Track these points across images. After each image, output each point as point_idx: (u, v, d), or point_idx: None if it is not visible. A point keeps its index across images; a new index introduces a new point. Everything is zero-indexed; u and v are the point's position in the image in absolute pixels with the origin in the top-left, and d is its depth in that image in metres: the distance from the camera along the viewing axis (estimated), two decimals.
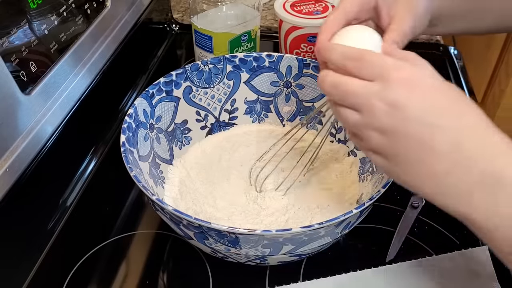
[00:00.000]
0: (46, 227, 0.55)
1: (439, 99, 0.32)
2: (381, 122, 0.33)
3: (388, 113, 0.32)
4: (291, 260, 0.48)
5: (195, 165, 0.60)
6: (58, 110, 0.57)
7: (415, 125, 0.31)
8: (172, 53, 0.89)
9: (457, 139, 0.31)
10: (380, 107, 0.32)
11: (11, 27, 0.48)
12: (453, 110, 0.32)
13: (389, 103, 0.32)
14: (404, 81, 0.32)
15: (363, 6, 0.42)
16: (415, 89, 0.32)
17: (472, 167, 0.31)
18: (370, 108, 0.33)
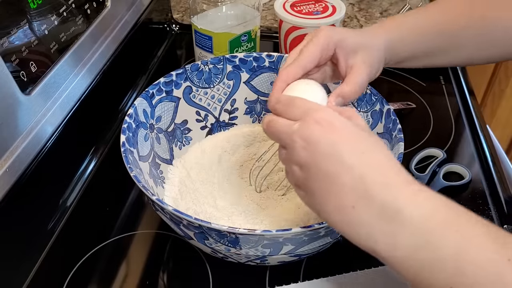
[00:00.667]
0: (46, 227, 0.55)
1: (348, 138, 0.35)
2: (299, 156, 0.36)
3: (304, 148, 0.35)
4: (291, 260, 0.48)
5: (195, 165, 0.60)
6: (58, 110, 0.57)
7: (324, 160, 0.34)
8: (172, 53, 0.89)
9: (361, 174, 0.33)
10: (298, 143, 0.36)
11: (11, 27, 0.48)
12: (361, 149, 0.34)
13: (305, 139, 0.35)
14: (320, 120, 0.35)
15: (321, 57, 0.46)
16: (328, 128, 0.35)
17: (373, 201, 0.33)
18: (291, 144, 0.36)
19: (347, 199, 0.34)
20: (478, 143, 0.68)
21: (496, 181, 0.62)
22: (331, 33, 0.46)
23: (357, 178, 0.33)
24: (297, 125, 0.36)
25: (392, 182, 0.33)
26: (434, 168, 0.63)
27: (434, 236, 0.31)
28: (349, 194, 0.33)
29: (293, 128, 0.36)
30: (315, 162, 0.35)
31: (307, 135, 0.35)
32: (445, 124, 0.72)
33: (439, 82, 0.80)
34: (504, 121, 1.39)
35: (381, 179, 0.33)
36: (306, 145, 0.35)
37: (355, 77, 0.45)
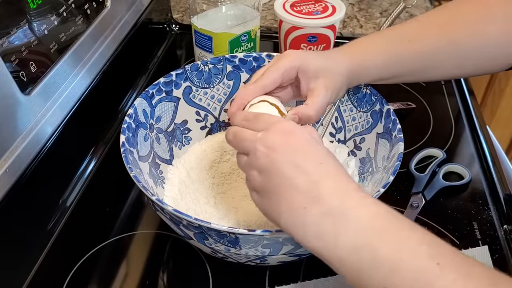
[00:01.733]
0: (46, 227, 0.55)
1: (307, 148, 0.38)
2: (259, 162, 0.38)
3: (265, 154, 0.38)
4: (291, 260, 0.48)
5: (195, 165, 0.60)
6: (58, 110, 0.57)
7: (284, 164, 0.37)
8: (172, 53, 0.89)
9: (316, 180, 0.36)
10: (260, 150, 0.38)
11: (11, 27, 0.48)
12: (318, 158, 0.37)
13: (267, 146, 0.38)
14: (281, 130, 0.39)
15: (282, 80, 0.48)
16: (290, 137, 0.38)
17: (323, 203, 0.35)
18: (253, 151, 0.39)
19: (299, 201, 0.36)
20: (478, 143, 0.68)
21: (496, 181, 0.62)
22: (295, 58, 0.48)
23: (312, 183, 0.36)
24: (261, 134, 0.39)
25: (343, 188, 0.36)
26: (434, 168, 0.63)
27: (374, 237, 0.33)
28: (302, 196, 0.36)
29: (257, 136, 0.39)
30: (274, 167, 0.37)
31: (269, 142, 0.38)
32: (445, 124, 0.72)
33: (439, 82, 0.80)
34: (504, 121, 1.39)
35: (334, 185, 0.36)
36: (267, 152, 0.38)
37: (314, 102, 0.47)
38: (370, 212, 0.35)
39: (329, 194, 0.35)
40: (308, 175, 0.36)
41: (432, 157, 0.66)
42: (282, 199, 0.37)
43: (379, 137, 0.55)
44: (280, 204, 0.37)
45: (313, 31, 0.74)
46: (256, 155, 0.38)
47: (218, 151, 0.61)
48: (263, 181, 0.38)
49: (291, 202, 0.36)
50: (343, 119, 0.60)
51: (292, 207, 0.36)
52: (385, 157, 0.52)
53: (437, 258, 0.31)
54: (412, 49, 0.51)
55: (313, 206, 0.35)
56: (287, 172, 0.37)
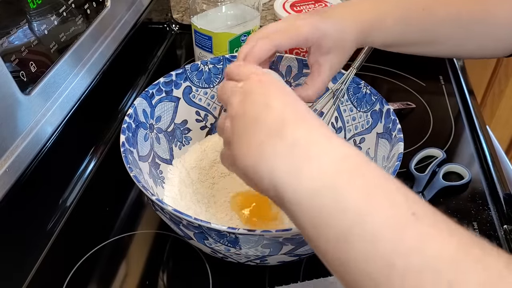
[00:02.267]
0: (46, 227, 0.55)
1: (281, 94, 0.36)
2: (234, 109, 0.36)
3: (241, 101, 0.36)
4: (291, 260, 0.48)
5: (195, 165, 0.60)
6: (58, 110, 0.57)
7: (253, 106, 0.35)
8: (171, 53, 0.89)
9: (282, 117, 0.33)
10: (237, 97, 0.37)
11: (11, 27, 0.48)
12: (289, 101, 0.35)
13: (243, 93, 0.37)
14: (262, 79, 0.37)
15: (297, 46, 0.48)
16: (266, 84, 0.37)
17: (285, 138, 0.32)
18: (231, 99, 0.37)
19: (262, 134, 0.33)
20: (477, 143, 0.68)
21: (495, 181, 0.62)
22: (315, 30, 0.47)
23: (277, 119, 0.33)
24: (242, 83, 0.38)
25: (310, 122, 0.33)
26: (433, 168, 0.63)
27: (339, 179, 0.29)
28: (263, 131, 0.33)
29: (238, 85, 0.38)
30: (244, 110, 0.35)
31: (246, 90, 0.37)
32: (444, 124, 0.72)
33: (439, 82, 0.80)
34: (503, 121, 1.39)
35: (300, 120, 0.33)
36: (243, 98, 0.36)
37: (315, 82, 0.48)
38: (338, 150, 0.31)
39: (292, 130, 0.32)
40: (274, 111, 0.34)
41: (432, 157, 0.66)
42: (245, 136, 0.34)
43: (379, 137, 0.55)
44: (243, 142, 0.34)
45: None
46: (233, 104, 0.36)
47: (218, 151, 0.61)
48: (232, 126, 0.36)
49: (253, 139, 0.33)
50: (343, 119, 0.61)
51: (251, 143, 0.33)
52: (385, 157, 0.52)
53: (414, 209, 0.27)
54: (422, 18, 0.50)
55: (273, 138, 0.32)
56: (255, 111, 0.34)
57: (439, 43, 0.53)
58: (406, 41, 0.52)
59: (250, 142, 0.33)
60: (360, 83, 0.57)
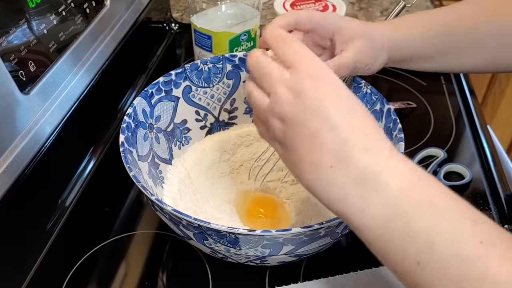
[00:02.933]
0: (45, 227, 0.55)
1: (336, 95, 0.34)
2: (284, 110, 0.34)
3: (291, 102, 0.34)
4: (291, 260, 0.47)
5: (195, 165, 0.59)
6: (57, 110, 0.56)
7: (310, 116, 0.33)
8: (171, 52, 0.89)
9: (344, 136, 0.32)
10: (285, 95, 0.34)
11: (10, 26, 0.48)
12: (347, 109, 0.33)
13: (294, 92, 0.34)
14: (311, 74, 0.34)
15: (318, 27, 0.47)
16: (319, 83, 0.33)
17: (351, 165, 0.32)
18: (276, 94, 0.34)
19: (325, 159, 0.33)
20: (478, 142, 0.68)
21: (496, 181, 0.61)
22: (339, 18, 0.47)
23: (339, 139, 0.32)
24: (289, 75, 0.34)
25: (373, 148, 0.32)
26: (434, 168, 0.63)
27: (408, 208, 0.30)
28: (328, 154, 0.32)
29: (284, 77, 0.34)
30: (301, 118, 0.33)
31: (298, 89, 0.34)
32: (445, 123, 0.72)
33: (440, 81, 0.80)
34: (504, 120, 1.39)
35: (363, 143, 0.32)
36: (295, 100, 0.34)
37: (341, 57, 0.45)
38: (405, 177, 0.31)
39: (358, 155, 0.32)
40: (335, 129, 0.32)
41: (432, 157, 0.66)
42: (306, 155, 0.33)
43: None
44: (303, 160, 0.34)
45: None
46: (281, 101, 0.34)
47: (218, 150, 0.61)
48: (287, 131, 0.34)
49: (315, 159, 0.33)
50: None
51: (316, 164, 0.33)
52: None
53: (481, 236, 0.28)
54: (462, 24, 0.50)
55: (339, 166, 0.32)
56: (313, 124, 0.33)
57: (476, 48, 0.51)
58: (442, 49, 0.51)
59: (311, 165, 0.33)
60: (360, 82, 0.57)
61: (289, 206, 0.56)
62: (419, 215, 0.30)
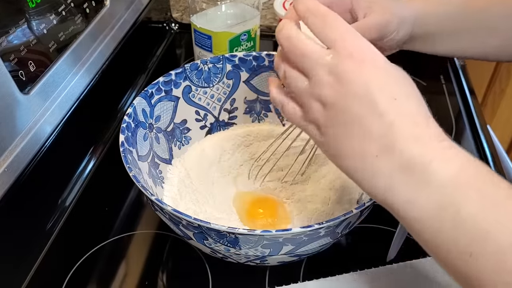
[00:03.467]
0: (45, 227, 0.55)
1: (382, 78, 0.32)
2: (325, 93, 0.32)
3: (332, 85, 0.32)
4: (291, 260, 0.47)
5: (195, 165, 0.59)
6: (57, 110, 0.56)
7: (354, 101, 0.31)
8: (171, 52, 0.89)
9: (390, 123, 0.31)
10: (326, 78, 0.32)
11: (10, 26, 0.48)
12: (394, 93, 0.31)
13: (336, 75, 0.31)
14: (354, 55, 0.31)
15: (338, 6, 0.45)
16: (363, 65, 0.31)
17: (399, 154, 0.30)
18: (317, 77, 0.32)
19: (370, 147, 0.31)
20: (478, 142, 0.68)
21: None
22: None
23: (386, 127, 0.31)
24: (330, 57, 0.32)
25: (421, 135, 0.31)
26: None
27: (459, 196, 0.29)
28: (374, 142, 0.31)
29: (325, 59, 0.32)
30: (343, 103, 0.31)
31: (339, 71, 0.31)
32: (445, 123, 0.72)
33: (440, 81, 0.80)
34: (504, 120, 1.39)
35: (411, 130, 0.31)
36: (336, 83, 0.31)
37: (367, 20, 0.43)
38: (454, 165, 0.30)
39: (405, 144, 0.30)
40: (382, 116, 0.31)
41: None
42: (349, 142, 0.32)
43: None
44: (346, 147, 0.32)
45: None
46: (322, 83, 0.32)
47: (218, 150, 0.61)
48: (327, 116, 0.32)
49: (360, 147, 0.31)
50: None
51: (361, 153, 0.31)
52: None
53: None
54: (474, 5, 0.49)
55: (386, 155, 0.30)
56: (358, 110, 0.31)
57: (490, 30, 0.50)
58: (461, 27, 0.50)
59: (354, 152, 0.32)
60: None
61: (289, 206, 0.56)
62: (470, 204, 0.28)
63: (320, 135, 0.34)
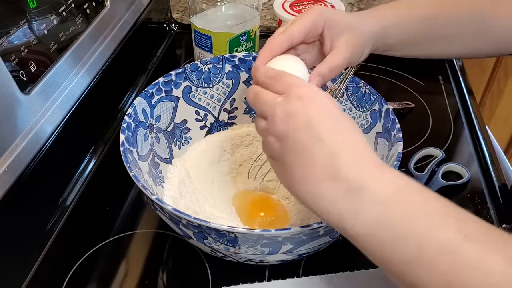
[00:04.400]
0: (46, 227, 0.55)
1: (326, 115, 0.37)
2: (278, 128, 0.37)
3: (284, 121, 0.37)
4: (291, 259, 0.48)
5: (195, 165, 0.60)
6: (57, 110, 0.57)
7: (302, 132, 0.36)
8: (171, 52, 0.89)
9: (333, 151, 0.35)
10: (278, 115, 0.37)
11: (11, 26, 0.48)
12: (337, 127, 0.36)
13: (286, 112, 0.37)
14: (302, 95, 0.37)
15: (309, 34, 0.47)
16: (309, 104, 0.37)
17: (341, 178, 0.34)
18: (272, 116, 0.38)
19: (316, 173, 0.35)
20: (477, 142, 0.68)
21: (494, 180, 0.62)
22: (323, 11, 0.47)
23: (329, 154, 0.35)
24: (281, 99, 0.38)
25: (361, 162, 0.35)
26: (433, 168, 0.64)
27: (395, 213, 0.32)
28: (319, 168, 0.35)
29: (277, 101, 0.38)
30: (292, 135, 0.36)
31: (288, 109, 0.37)
32: (444, 123, 0.73)
33: (438, 81, 0.81)
34: (502, 120, 1.39)
35: (351, 157, 0.35)
36: (286, 118, 0.37)
37: (335, 58, 0.46)
38: (390, 186, 0.33)
39: (347, 169, 0.34)
40: (325, 145, 0.35)
41: (431, 157, 0.66)
42: (298, 170, 0.36)
43: (378, 136, 0.55)
44: (296, 175, 0.36)
45: None
46: (275, 121, 0.37)
47: (218, 150, 0.62)
48: (281, 148, 0.37)
49: (307, 173, 0.35)
50: None
51: (308, 178, 0.35)
52: (384, 157, 0.52)
53: (465, 231, 0.30)
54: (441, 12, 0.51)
55: (330, 180, 0.34)
56: (305, 140, 0.36)
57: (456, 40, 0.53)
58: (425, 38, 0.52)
59: (303, 179, 0.36)
60: (359, 82, 0.57)
61: (288, 205, 0.56)
62: (405, 219, 0.32)
63: (277, 166, 0.39)
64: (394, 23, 0.50)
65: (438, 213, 0.32)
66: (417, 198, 0.33)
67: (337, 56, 0.47)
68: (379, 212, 0.33)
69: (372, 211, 0.33)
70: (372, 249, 0.33)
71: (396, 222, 0.32)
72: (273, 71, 0.41)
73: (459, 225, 0.31)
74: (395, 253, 0.32)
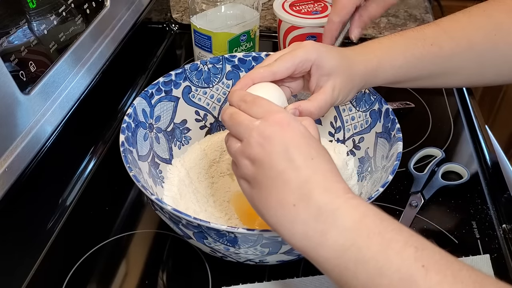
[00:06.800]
0: (46, 227, 0.55)
1: (301, 142, 0.37)
2: (253, 151, 0.38)
3: (260, 144, 0.37)
4: (290, 259, 0.48)
5: (195, 165, 0.60)
6: (57, 110, 0.57)
7: (278, 157, 0.37)
8: (171, 53, 0.89)
9: (306, 177, 0.36)
10: (255, 138, 0.38)
11: (11, 26, 0.48)
12: (310, 153, 0.37)
13: (263, 136, 0.37)
14: (279, 121, 0.38)
15: (295, 71, 0.47)
16: (285, 130, 0.38)
17: (312, 203, 0.35)
18: (248, 139, 0.38)
19: (289, 197, 0.36)
20: (476, 142, 0.68)
21: (494, 180, 0.62)
22: (312, 51, 0.46)
23: (302, 180, 0.36)
24: (258, 122, 0.38)
25: (331, 188, 0.36)
26: (432, 168, 0.64)
27: (360, 238, 0.34)
28: (292, 193, 0.36)
29: (254, 124, 0.38)
30: (268, 159, 0.37)
31: (266, 133, 0.37)
32: (444, 123, 0.73)
33: None
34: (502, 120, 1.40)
35: (323, 184, 0.36)
36: (263, 142, 0.37)
37: (318, 99, 0.46)
38: (357, 212, 0.35)
39: (318, 194, 0.35)
40: (299, 171, 0.36)
41: (431, 157, 0.66)
42: (272, 193, 0.37)
43: (378, 136, 0.55)
44: (269, 198, 0.37)
45: (312, 31, 0.74)
46: (251, 144, 0.38)
47: (218, 150, 0.62)
48: (255, 171, 0.38)
49: (280, 197, 0.36)
50: (342, 118, 0.61)
51: (282, 202, 0.36)
52: (384, 157, 0.52)
53: (423, 260, 0.32)
54: (432, 52, 0.50)
55: (302, 204, 0.35)
56: (279, 165, 0.36)
57: (452, 74, 0.53)
58: (417, 76, 0.52)
59: (276, 202, 0.36)
60: None
61: None
62: (368, 244, 0.33)
63: (250, 189, 0.39)
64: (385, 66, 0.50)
65: (399, 241, 0.33)
66: (380, 224, 0.34)
67: (321, 96, 0.47)
68: (346, 236, 0.34)
69: (339, 235, 0.34)
70: (336, 273, 0.34)
71: (360, 246, 0.33)
72: (251, 95, 0.42)
73: (417, 254, 0.32)
74: (356, 277, 0.33)
